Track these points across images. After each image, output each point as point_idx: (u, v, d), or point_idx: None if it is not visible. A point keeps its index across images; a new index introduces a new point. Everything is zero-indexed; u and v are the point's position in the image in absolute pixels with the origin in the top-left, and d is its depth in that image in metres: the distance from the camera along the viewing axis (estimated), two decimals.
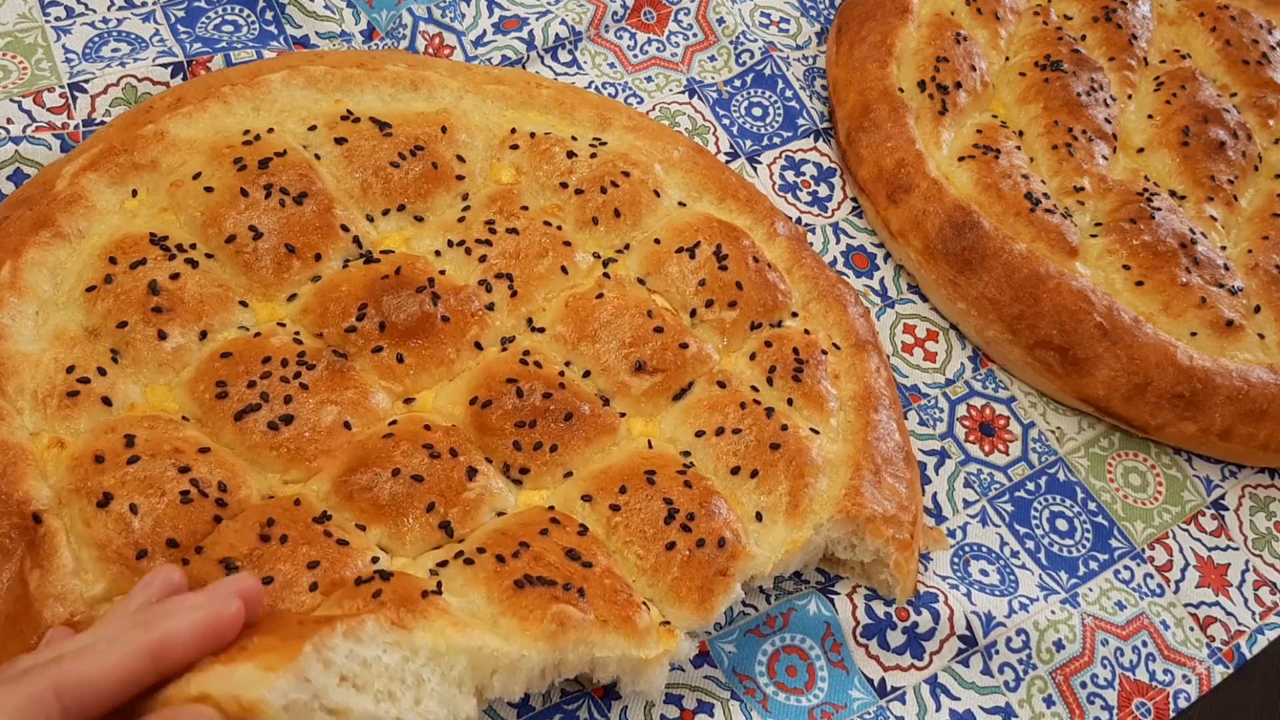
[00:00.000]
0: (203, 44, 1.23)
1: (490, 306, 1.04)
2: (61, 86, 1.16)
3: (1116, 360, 1.16)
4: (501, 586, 0.83)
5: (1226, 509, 1.19)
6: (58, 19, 1.23)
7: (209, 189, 1.02)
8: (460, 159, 1.12)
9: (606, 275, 1.08)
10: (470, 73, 1.21)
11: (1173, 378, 1.15)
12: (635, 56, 1.38)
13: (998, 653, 1.04)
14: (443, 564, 0.86)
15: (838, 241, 1.28)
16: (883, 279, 1.27)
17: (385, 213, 1.08)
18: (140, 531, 0.83)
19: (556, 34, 1.34)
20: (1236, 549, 1.16)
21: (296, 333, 0.98)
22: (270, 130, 1.07)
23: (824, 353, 1.08)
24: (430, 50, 1.30)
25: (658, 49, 1.39)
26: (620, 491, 0.93)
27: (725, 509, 0.95)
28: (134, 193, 1.03)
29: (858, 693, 1.00)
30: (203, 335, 0.96)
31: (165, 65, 1.19)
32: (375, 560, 0.86)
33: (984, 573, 1.09)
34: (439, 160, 1.10)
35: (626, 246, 1.12)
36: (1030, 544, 1.12)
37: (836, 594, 1.04)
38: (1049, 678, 1.04)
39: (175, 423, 0.91)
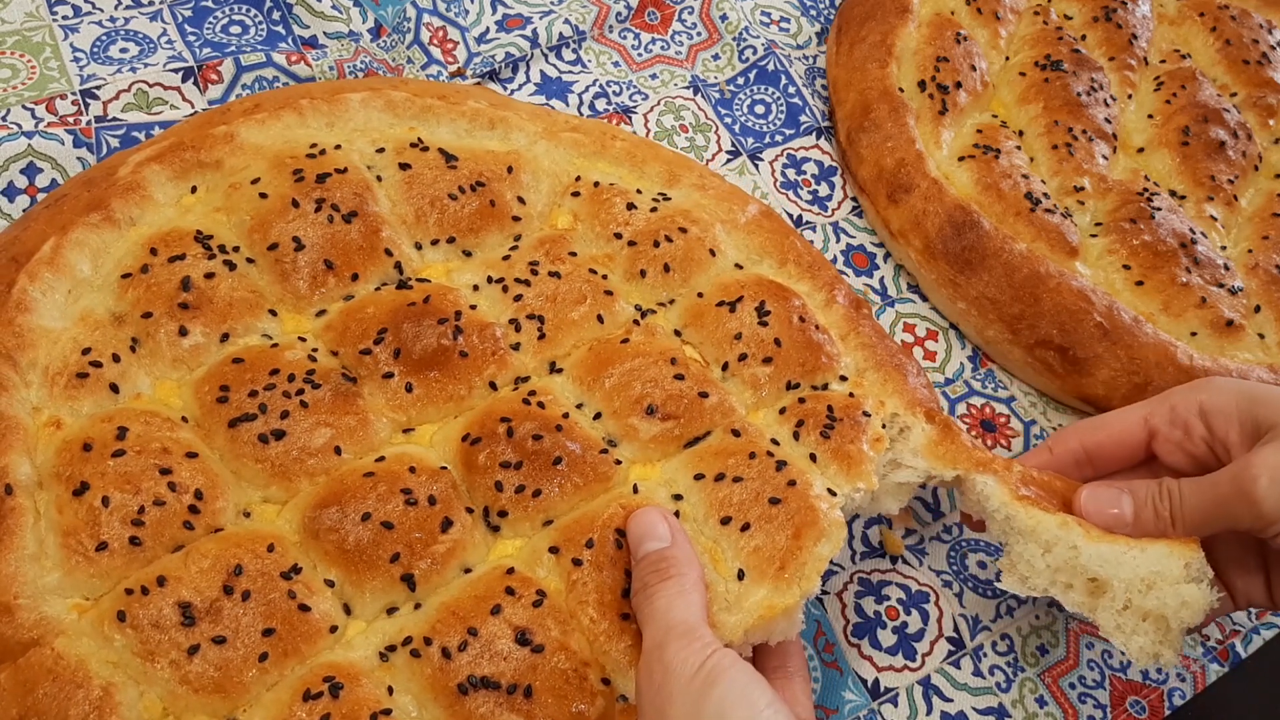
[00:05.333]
0: (212, 48, 1.24)
1: (516, 346, 1.01)
2: (74, 93, 1.17)
3: (1117, 360, 1.16)
4: (446, 690, 0.82)
5: None
6: (65, 18, 1.24)
7: (263, 195, 1.02)
8: (521, 200, 1.10)
9: (637, 322, 1.05)
10: (550, 118, 1.20)
11: (1173, 378, 1.15)
12: (640, 55, 1.39)
13: (985, 655, 1.05)
14: (391, 648, 0.84)
15: (838, 240, 1.29)
16: (883, 278, 1.28)
17: (434, 243, 1.07)
18: (105, 525, 0.83)
19: (560, 33, 1.34)
20: None
21: (313, 350, 0.97)
22: (337, 147, 1.07)
23: (866, 414, 1.00)
24: (434, 43, 1.30)
25: (662, 47, 1.40)
26: (587, 545, 0.88)
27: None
28: (193, 189, 1.04)
29: (851, 694, 1.01)
30: (224, 338, 0.96)
31: (176, 70, 1.20)
32: (333, 630, 0.85)
33: (982, 565, 1.10)
34: (497, 199, 1.09)
35: (671, 301, 1.08)
36: None
37: (826, 593, 1.05)
38: (1038, 679, 1.05)
39: (172, 423, 0.91)
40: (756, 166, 1.33)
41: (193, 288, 0.96)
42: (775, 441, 0.98)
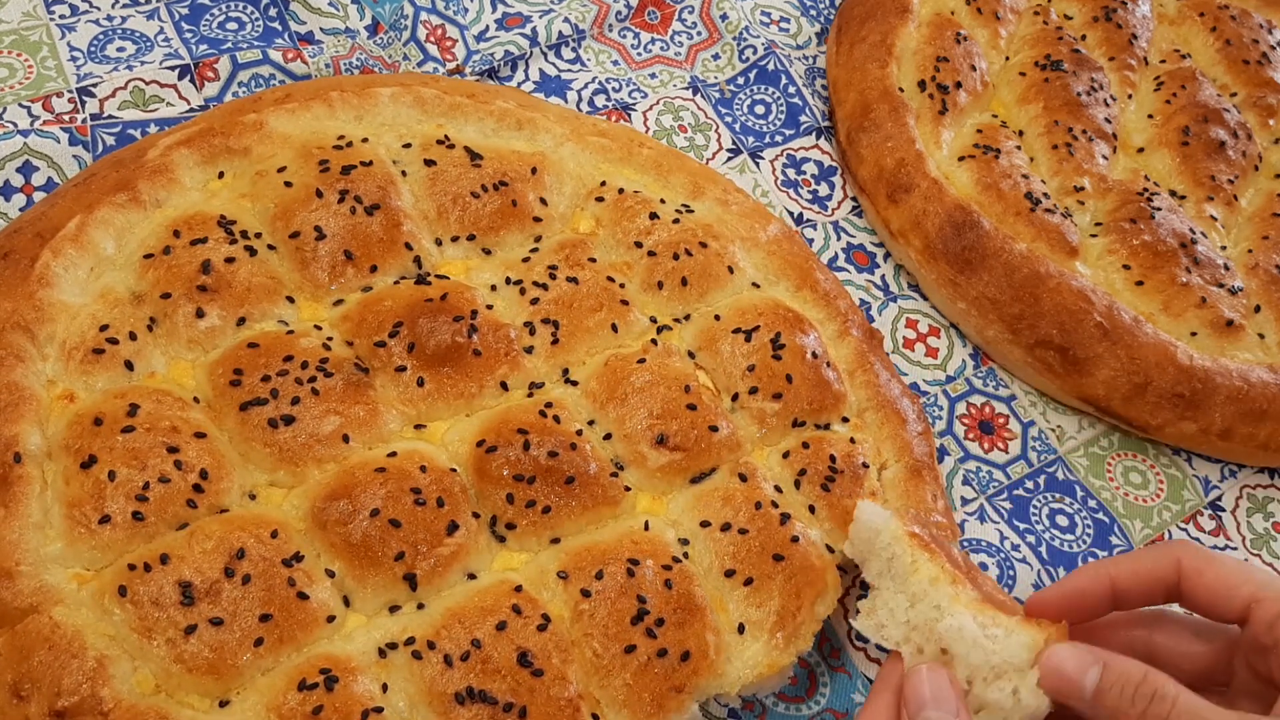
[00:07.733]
0: (208, 45, 1.24)
1: (529, 350, 1.02)
2: (70, 91, 1.17)
3: (1116, 360, 1.16)
4: (442, 696, 0.82)
5: (1224, 509, 1.19)
6: (62, 17, 1.23)
7: (288, 184, 1.03)
8: (543, 202, 1.11)
9: (654, 342, 1.05)
10: (578, 121, 1.20)
11: (1173, 377, 1.16)
12: (639, 54, 1.38)
13: None
14: (392, 646, 0.84)
15: (838, 239, 1.29)
16: (883, 276, 1.28)
17: (455, 239, 1.07)
18: (110, 499, 0.84)
19: (560, 31, 1.34)
20: (1235, 548, 1.17)
21: (329, 338, 0.98)
22: (365, 140, 1.09)
23: (865, 465, 1.01)
24: (431, 40, 1.30)
25: (661, 47, 1.40)
26: (597, 577, 0.89)
27: (700, 619, 0.89)
28: (220, 174, 1.05)
29: (861, 697, 1.00)
30: (241, 321, 0.97)
31: (172, 68, 1.20)
32: (331, 620, 0.85)
33: (983, 566, 1.09)
34: (519, 199, 1.09)
35: (687, 317, 1.08)
36: (1031, 538, 1.13)
37: None
38: None
39: (184, 403, 0.92)
40: (757, 164, 1.33)
41: (212, 271, 0.97)
42: (778, 488, 0.99)
